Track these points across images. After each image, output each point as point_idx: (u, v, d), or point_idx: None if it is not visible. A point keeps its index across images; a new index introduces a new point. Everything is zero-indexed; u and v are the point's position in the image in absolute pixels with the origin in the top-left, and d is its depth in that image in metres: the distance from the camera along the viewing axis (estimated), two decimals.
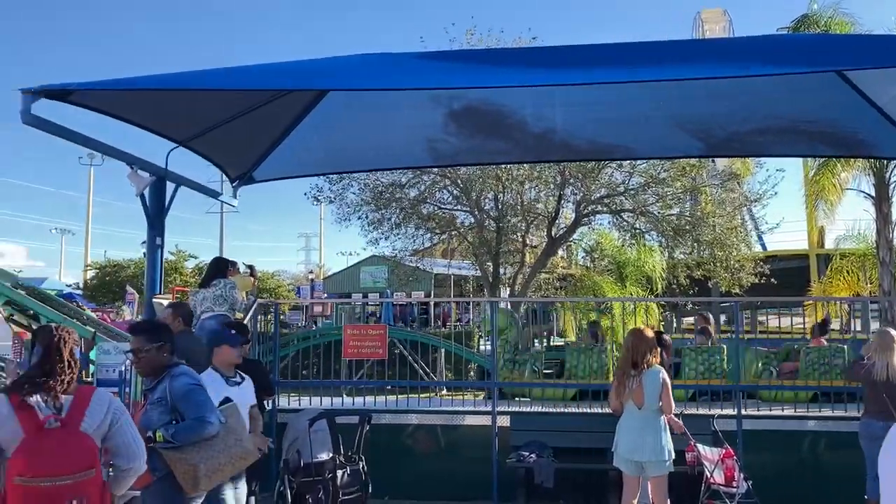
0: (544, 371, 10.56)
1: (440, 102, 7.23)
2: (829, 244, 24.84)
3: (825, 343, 10.06)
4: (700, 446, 6.39)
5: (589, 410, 8.12)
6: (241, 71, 5.90)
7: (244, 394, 4.84)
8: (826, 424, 7.96)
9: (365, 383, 8.69)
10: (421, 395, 9.42)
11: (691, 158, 15.73)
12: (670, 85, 6.33)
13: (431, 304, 33.17)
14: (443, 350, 18.34)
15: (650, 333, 6.04)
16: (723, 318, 20.97)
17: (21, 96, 5.26)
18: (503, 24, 69.18)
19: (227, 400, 4.16)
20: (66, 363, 3.06)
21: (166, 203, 7.26)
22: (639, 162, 19.05)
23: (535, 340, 20.38)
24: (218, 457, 3.88)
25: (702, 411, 7.83)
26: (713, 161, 20.46)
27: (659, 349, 6.01)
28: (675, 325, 20.12)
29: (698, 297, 19.01)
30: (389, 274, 36.92)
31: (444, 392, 12.15)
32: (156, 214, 7.14)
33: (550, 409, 8.26)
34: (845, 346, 9.30)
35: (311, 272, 58.00)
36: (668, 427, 5.84)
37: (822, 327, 11.03)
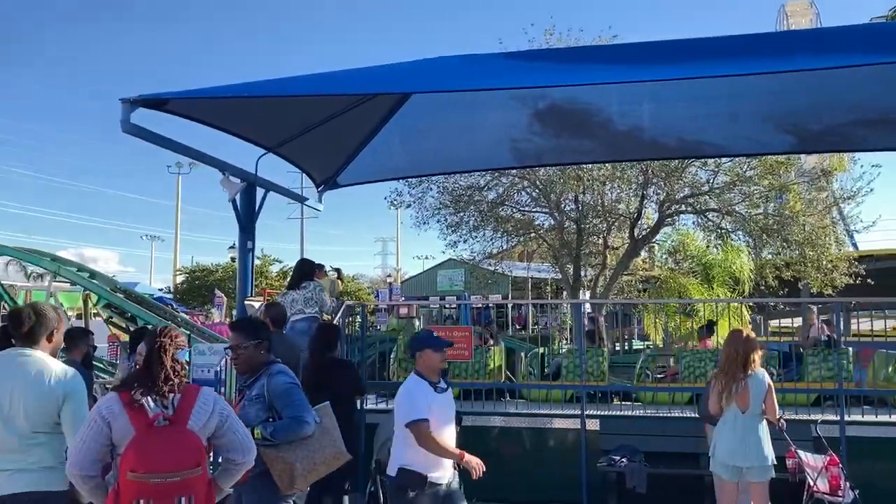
0: (657, 375, 10.32)
1: (525, 102, 7.17)
2: None
3: (710, 345, 9.87)
4: (802, 453, 6.12)
5: (680, 414, 7.88)
6: (329, 77, 6.00)
7: (449, 402, 4.66)
8: None
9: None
10: (512, 400, 9.33)
11: (783, 154, 15.12)
12: (761, 79, 6.11)
13: (509, 306, 33.03)
14: (523, 353, 18.19)
15: (753, 335, 5.85)
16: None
17: (120, 106, 5.48)
18: (581, 23, 68.34)
19: (323, 400, 4.20)
20: (173, 364, 3.13)
21: (256, 208, 7.42)
22: (724, 160, 18.48)
23: (616, 344, 20.03)
24: (314, 456, 3.92)
25: (801, 416, 7.50)
26: (800, 158, 19.69)
27: (760, 351, 5.80)
28: (762, 327, 19.43)
29: (789, 299, 18.26)
30: (467, 277, 36.96)
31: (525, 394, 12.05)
32: (247, 219, 7.32)
33: (639, 413, 8.06)
34: None
35: (389, 276, 58.66)
36: (769, 432, 5.63)
37: (710, 329, 10.71)
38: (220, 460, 3.37)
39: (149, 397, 3.01)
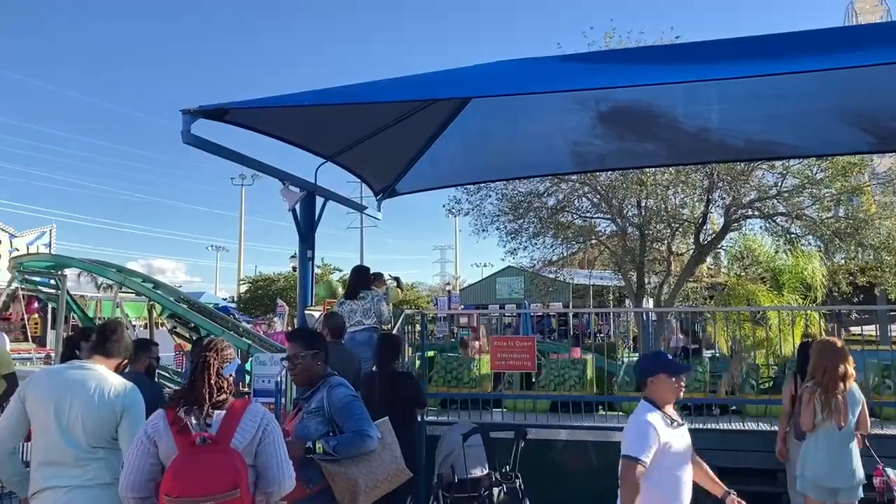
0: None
1: (587, 105, 6.97)
2: None
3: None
4: (889, 471, 5.74)
5: (755, 427, 7.51)
6: (388, 84, 5.92)
7: (685, 437, 3.98)
8: None
9: (536, 397, 8.28)
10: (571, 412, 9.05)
11: (861, 154, 14.52)
12: (835, 75, 5.78)
13: (570, 315, 32.61)
14: (587, 361, 17.84)
15: (845, 346, 5.53)
16: (894, 328, 19.26)
17: (181, 117, 5.49)
18: (641, 25, 67.45)
19: (381, 416, 4.06)
20: (217, 380, 3.02)
21: (316, 217, 7.40)
22: (792, 162, 17.89)
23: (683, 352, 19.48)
24: (377, 472, 3.79)
25: (888, 431, 7.07)
26: (872, 159, 18.90)
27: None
28: (838, 336, 18.64)
29: (866, 306, 17.51)
30: (526, 284, 36.61)
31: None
32: (307, 228, 7.29)
33: (709, 426, 7.70)
34: None
35: (447, 284, 58.67)
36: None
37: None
38: None
39: (192, 415, 2.92)
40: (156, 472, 2.95)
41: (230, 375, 3.07)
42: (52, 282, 16.47)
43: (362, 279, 7.47)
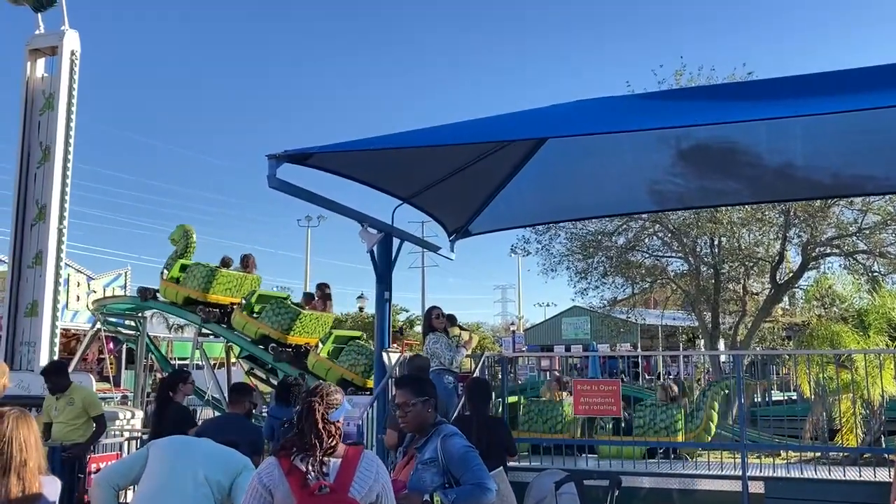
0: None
1: (667, 143, 6.89)
2: None
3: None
4: None
5: (862, 478, 7.08)
6: (465, 126, 5.96)
7: None
8: None
9: (613, 443, 7.99)
10: (647, 460, 8.76)
11: None
12: None
13: (639, 356, 31.95)
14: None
15: None
16: None
17: (267, 162, 5.62)
18: (711, 60, 66.68)
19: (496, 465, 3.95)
20: (325, 425, 2.95)
21: (393, 258, 7.44)
22: (873, 199, 17.29)
23: (755, 395, 18.82)
24: None
25: None
26: None
27: None
28: None
29: None
30: (594, 325, 36.07)
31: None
32: (384, 269, 7.34)
33: (813, 475, 7.31)
34: None
35: (511, 324, 58.22)
36: None
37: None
38: None
39: (308, 463, 2.89)
40: None
41: (339, 421, 3.02)
42: (131, 323, 16.96)
43: (426, 321, 7.40)
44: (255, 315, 13.76)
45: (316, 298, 14.41)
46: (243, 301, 14.09)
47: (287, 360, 13.35)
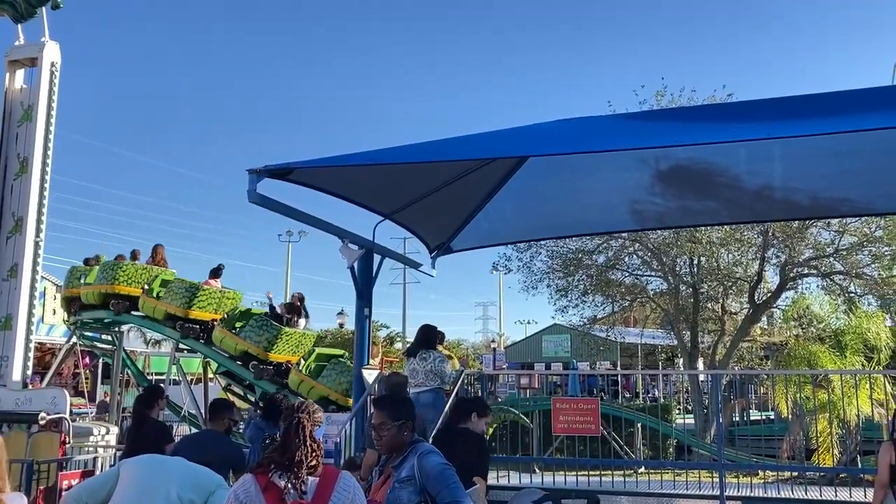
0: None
1: (647, 163, 6.92)
2: None
3: None
4: None
5: (838, 497, 7.13)
6: (448, 143, 5.98)
7: None
8: None
9: (597, 461, 7.95)
10: (626, 474, 8.77)
11: None
12: None
13: (619, 375, 31.99)
14: (639, 424, 17.43)
15: None
16: None
17: (248, 176, 5.58)
18: (693, 82, 67.38)
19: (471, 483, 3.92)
20: (310, 444, 2.93)
21: (374, 274, 7.41)
22: (849, 220, 17.53)
23: (733, 415, 18.94)
24: None
25: None
26: None
27: None
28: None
29: None
30: (574, 343, 36.10)
31: (642, 470, 11.39)
32: (364, 285, 7.30)
33: (790, 495, 7.34)
34: None
35: (492, 341, 58.19)
36: None
37: None
38: None
39: (286, 480, 2.85)
40: None
41: (319, 439, 3.00)
42: (108, 337, 16.75)
43: (429, 338, 7.29)
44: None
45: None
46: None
47: (268, 377, 13.27)
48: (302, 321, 14.53)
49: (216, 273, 14.89)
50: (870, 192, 7.27)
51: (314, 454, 2.90)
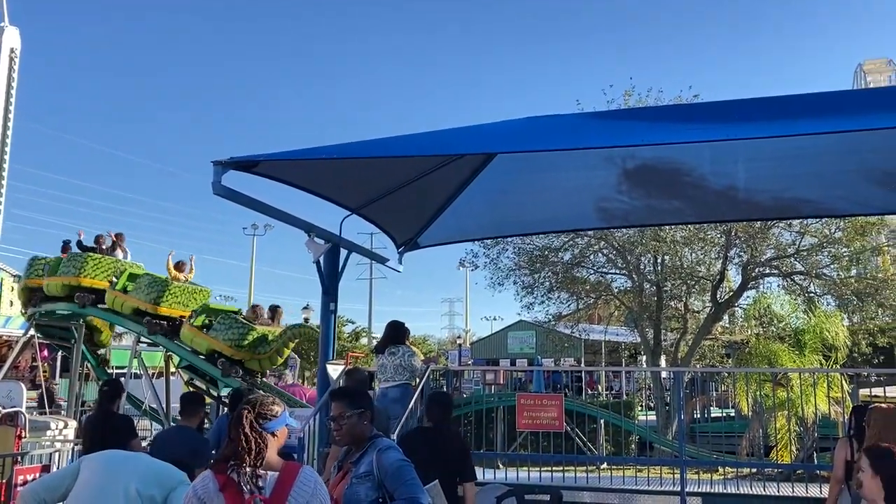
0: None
1: (613, 162, 6.97)
2: None
3: None
4: None
5: (795, 493, 7.26)
6: (415, 138, 5.95)
7: None
8: None
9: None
10: (589, 470, 8.82)
11: (889, 215, 14.50)
12: (863, 135, 5.77)
13: (583, 372, 32.23)
14: (602, 421, 17.59)
15: None
16: None
17: (213, 168, 5.50)
18: (660, 83, 68.27)
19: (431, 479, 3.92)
20: (250, 437, 2.88)
21: (340, 269, 7.36)
22: (810, 221, 17.87)
23: (695, 412, 19.21)
24: None
25: None
26: (881, 219, 18.87)
27: None
28: (854, 397, 18.29)
29: (888, 369, 17.20)
30: (539, 339, 36.32)
31: (605, 466, 11.48)
32: (330, 280, 7.25)
33: (749, 491, 7.46)
34: None
35: (458, 337, 58.30)
36: None
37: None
38: None
39: (239, 476, 2.82)
40: None
41: (274, 432, 2.96)
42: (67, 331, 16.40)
43: (397, 335, 7.23)
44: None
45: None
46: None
47: (237, 375, 13.24)
48: (119, 253, 15.49)
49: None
50: (831, 194, 7.40)
51: (258, 446, 2.86)
